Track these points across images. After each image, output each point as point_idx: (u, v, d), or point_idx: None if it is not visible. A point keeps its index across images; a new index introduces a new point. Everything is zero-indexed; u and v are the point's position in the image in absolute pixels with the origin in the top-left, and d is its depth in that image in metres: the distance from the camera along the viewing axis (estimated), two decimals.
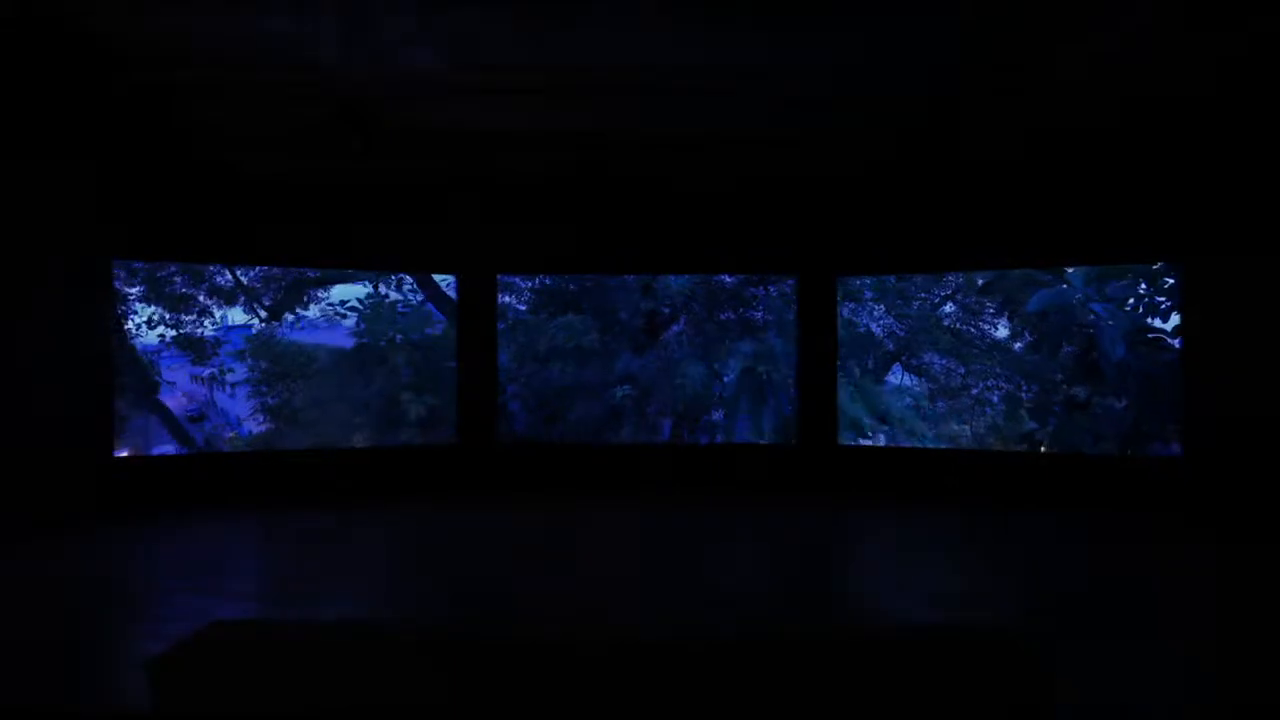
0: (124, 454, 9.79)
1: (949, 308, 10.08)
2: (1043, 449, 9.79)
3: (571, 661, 1.41)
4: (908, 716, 1.39)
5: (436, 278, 10.87)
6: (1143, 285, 9.46)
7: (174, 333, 10.16)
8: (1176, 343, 8.87)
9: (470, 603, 5.94)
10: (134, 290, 9.81)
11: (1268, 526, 7.44)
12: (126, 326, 9.66)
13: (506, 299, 10.63)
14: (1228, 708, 3.88)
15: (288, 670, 1.41)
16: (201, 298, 10.36)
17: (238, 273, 10.30)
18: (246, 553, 7.06)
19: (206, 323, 10.32)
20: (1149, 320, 9.28)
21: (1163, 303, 9.29)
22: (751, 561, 7.05)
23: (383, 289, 10.70)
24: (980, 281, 10.26)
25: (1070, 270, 9.70)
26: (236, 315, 10.59)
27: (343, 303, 10.59)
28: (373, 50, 6.94)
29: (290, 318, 10.48)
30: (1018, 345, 10.03)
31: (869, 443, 10.56)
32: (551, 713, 1.39)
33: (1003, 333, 10.16)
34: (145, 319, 9.97)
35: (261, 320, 10.48)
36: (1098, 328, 8.65)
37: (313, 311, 10.53)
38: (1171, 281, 9.20)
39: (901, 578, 6.37)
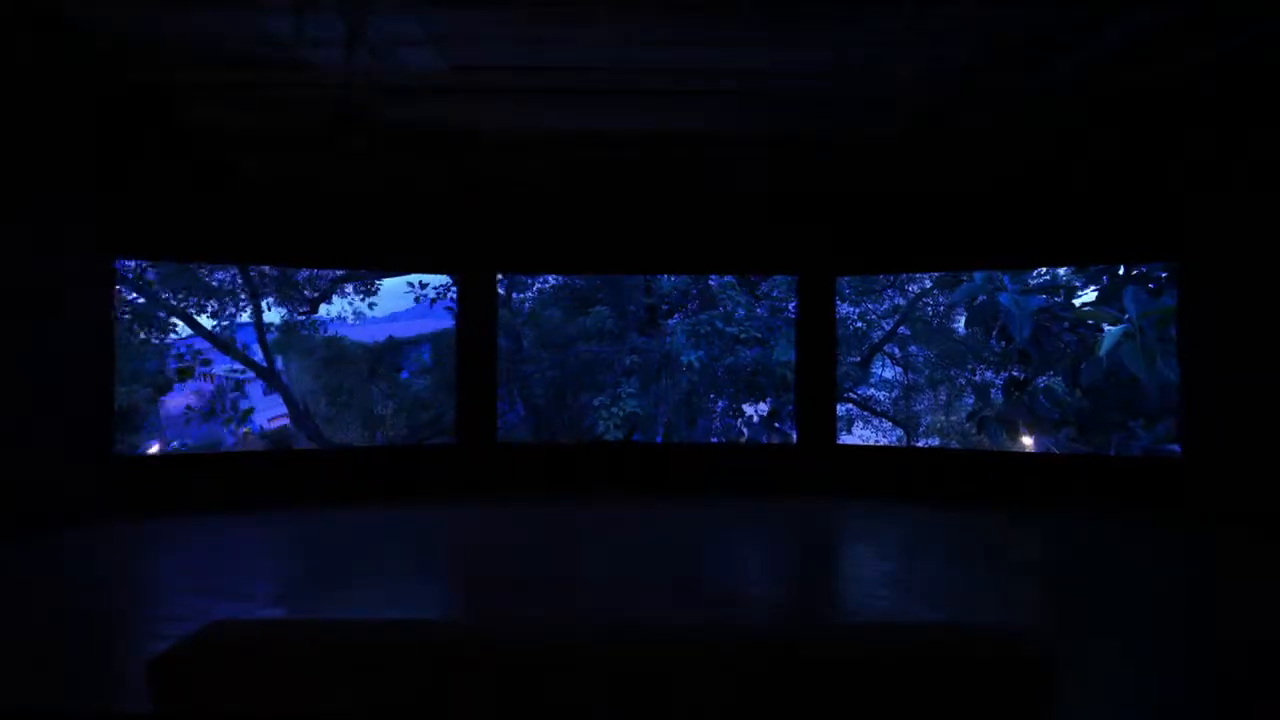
0: (152, 449, 10.04)
1: (901, 301, 11.71)
2: (981, 431, 10.33)
3: (571, 662, 1.41)
4: (909, 716, 1.39)
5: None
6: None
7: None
8: (1108, 327, 9.32)
9: (470, 602, 5.94)
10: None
11: (1268, 526, 7.43)
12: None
13: (523, 293, 12.31)
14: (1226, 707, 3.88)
15: (287, 670, 1.41)
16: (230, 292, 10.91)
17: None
18: (246, 553, 7.05)
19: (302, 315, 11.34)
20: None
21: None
22: (752, 562, 7.05)
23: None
24: (929, 282, 10.81)
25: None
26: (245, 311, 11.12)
27: (425, 284, 11.63)
28: (373, 50, 6.95)
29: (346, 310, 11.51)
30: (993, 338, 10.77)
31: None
32: (550, 713, 1.39)
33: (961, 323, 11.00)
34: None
35: (302, 313, 10.96)
36: (1008, 314, 9.62)
37: (395, 303, 11.66)
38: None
39: (902, 578, 6.36)
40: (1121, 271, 9.68)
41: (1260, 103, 7.55)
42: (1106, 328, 9.29)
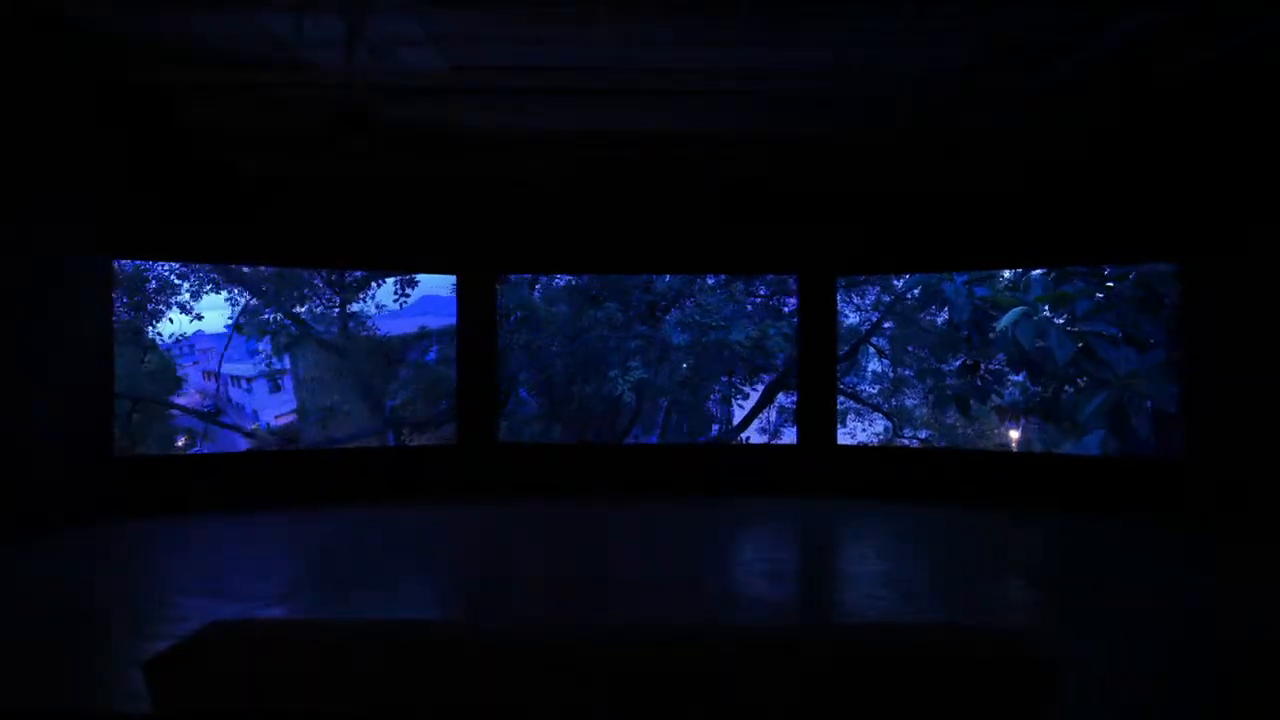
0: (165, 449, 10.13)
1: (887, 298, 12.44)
2: (934, 408, 10.95)
3: (571, 662, 1.41)
4: (909, 717, 1.39)
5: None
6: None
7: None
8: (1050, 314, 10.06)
9: (471, 602, 5.94)
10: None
11: (1268, 526, 7.43)
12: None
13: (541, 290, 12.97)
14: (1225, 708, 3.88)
15: (287, 670, 1.41)
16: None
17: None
18: (246, 553, 7.05)
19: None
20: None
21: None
22: (752, 562, 7.04)
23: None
24: (899, 282, 11.24)
25: None
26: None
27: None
28: (373, 50, 6.95)
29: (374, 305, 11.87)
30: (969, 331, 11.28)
31: None
32: (550, 713, 1.38)
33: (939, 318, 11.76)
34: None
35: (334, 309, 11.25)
36: (952, 302, 10.43)
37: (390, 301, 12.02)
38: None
39: (901, 578, 6.35)
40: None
41: (1261, 103, 7.55)
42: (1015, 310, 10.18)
